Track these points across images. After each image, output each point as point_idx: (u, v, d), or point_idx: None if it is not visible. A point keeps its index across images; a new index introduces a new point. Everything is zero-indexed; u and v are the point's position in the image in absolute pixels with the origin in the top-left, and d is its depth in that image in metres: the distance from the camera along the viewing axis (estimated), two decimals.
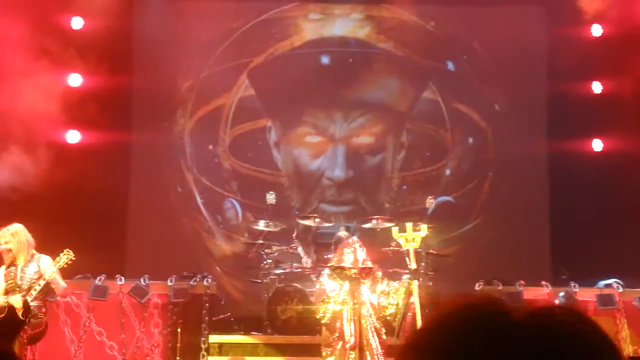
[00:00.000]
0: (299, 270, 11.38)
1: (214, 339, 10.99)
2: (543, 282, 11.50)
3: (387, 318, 9.26)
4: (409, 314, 9.16)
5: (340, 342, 9.19)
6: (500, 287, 11.40)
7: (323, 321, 9.54)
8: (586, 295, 11.29)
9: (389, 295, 9.29)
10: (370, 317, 9.21)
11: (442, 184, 13.94)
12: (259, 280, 11.51)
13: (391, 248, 10.51)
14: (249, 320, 11.58)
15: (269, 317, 10.92)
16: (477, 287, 11.32)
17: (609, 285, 11.33)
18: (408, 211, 13.24)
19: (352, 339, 9.13)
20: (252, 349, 10.85)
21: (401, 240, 9.55)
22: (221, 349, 10.96)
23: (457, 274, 12.15)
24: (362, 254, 9.26)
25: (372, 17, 14.25)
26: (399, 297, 9.21)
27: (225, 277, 13.36)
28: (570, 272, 11.85)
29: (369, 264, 9.31)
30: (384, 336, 9.22)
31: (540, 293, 11.38)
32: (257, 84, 13.97)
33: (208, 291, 11.28)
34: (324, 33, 14.24)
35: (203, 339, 10.90)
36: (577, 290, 11.22)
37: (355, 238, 9.59)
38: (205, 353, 10.86)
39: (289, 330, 10.82)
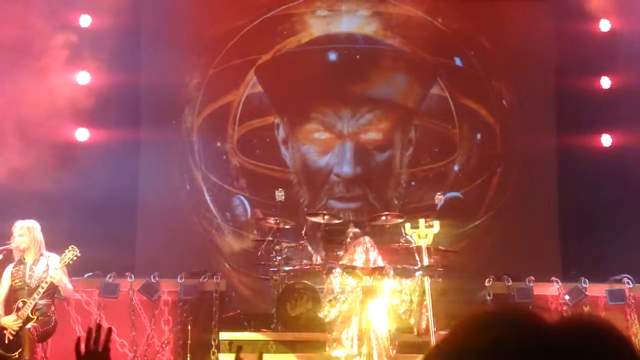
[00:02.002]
0: (309, 267, 11.38)
1: (224, 336, 10.99)
2: (553, 278, 11.49)
3: (402, 316, 9.25)
4: (424, 311, 9.15)
5: (347, 343, 9.16)
6: (510, 283, 11.40)
7: (327, 320, 9.54)
8: (596, 290, 11.28)
9: (402, 293, 9.27)
10: (381, 316, 9.17)
11: (450, 180, 13.93)
12: (269, 277, 11.51)
13: (400, 244, 10.51)
14: (259, 317, 11.58)
15: (278, 314, 10.92)
16: (486, 283, 11.31)
17: (619, 281, 11.31)
18: (417, 207, 13.24)
19: (357, 340, 9.11)
20: (262, 346, 10.84)
21: (414, 237, 9.54)
22: (231, 346, 10.97)
23: (466, 270, 12.15)
24: (373, 253, 9.25)
25: (379, 14, 14.24)
26: (412, 294, 9.20)
27: (235, 274, 13.37)
28: (579, 269, 11.83)
29: (381, 263, 9.30)
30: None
31: (550, 289, 11.37)
32: (264, 81, 13.97)
33: (218, 288, 11.30)
34: (331, 30, 14.23)
35: (213, 336, 10.92)
36: (587, 285, 11.21)
37: (367, 238, 9.58)
38: (215, 350, 10.88)
39: (299, 327, 10.81)
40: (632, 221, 12.25)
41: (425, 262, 9.48)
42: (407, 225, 9.77)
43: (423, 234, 9.53)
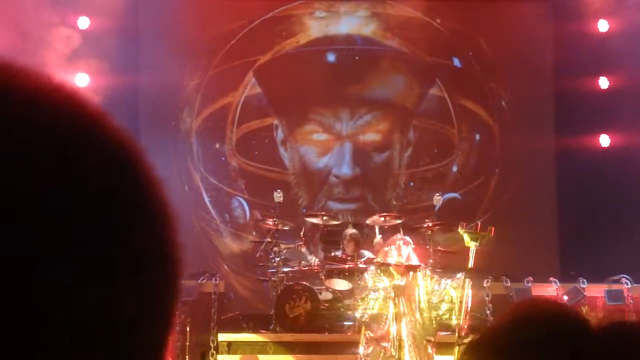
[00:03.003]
0: (307, 268, 11.38)
1: (223, 337, 11.00)
2: (551, 278, 11.49)
3: (443, 317, 9.22)
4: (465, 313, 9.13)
5: (380, 343, 9.12)
6: (509, 284, 11.41)
7: (363, 319, 9.51)
8: (595, 291, 11.28)
9: (441, 294, 9.25)
10: (414, 316, 9.14)
11: (449, 181, 13.94)
12: (267, 279, 11.52)
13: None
14: (257, 319, 11.59)
15: (277, 315, 10.92)
16: (485, 284, 11.32)
17: (617, 281, 11.32)
18: (415, 208, 13.25)
19: (395, 340, 9.08)
20: (261, 347, 10.85)
21: (465, 237, 9.52)
22: (230, 347, 10.97)
23: (464, 270, 12.12)
24: (406, 250, 9.22)
25: (377, 15, 14.24)
26: (454, 294, 9.16)
27: (234, 276, 13.37)
28: (577, 269, 11.83)
29: (415, 261, 9.29)
30: (432, 338, 9.15)
31: (549, 289, 11.38)
32: (263, 82, 13.98)
33: (216, 289, 11.31)
34: (330, 31, 14.24)
35: (212, 337, 10.92)
36: (585, 286, 11.21)
37: (399, 235, 9.57)
38: (214, 351, 10.88)
39: (298, 328, 10.81)
40: (630, 221, 12.26)
41: (471, 264, 9.47)
42: (462, 223, 9.79)
43: (475, 236, 9.52)
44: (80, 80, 12.89)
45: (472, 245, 9.37)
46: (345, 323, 10.86)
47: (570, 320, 1.20)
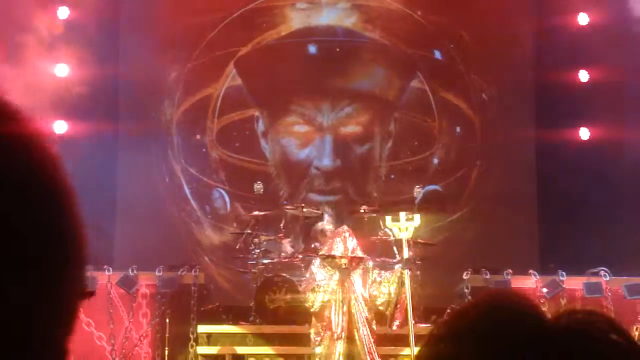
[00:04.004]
0: (287, 259, 11.39)
1: (203, 329, 11.00)
2: (531, 271, 11.54)
3: (380, 308, 9.27)
4: (398, 304, 9.18)
5: (329, 332, 9.21)
6: (488, 276, 11.45)
7: (312, 309, 9.55)
8: (573, 283, 11.34)
9: (381, 285, 9.29)
10: (360, 306, 9.22)
11: (429, 173, 13.95)
12: (247, 270, 11.52)
13: (379, 237, 10.54)
14: (237, 310, 11.59)
15: (257, 307, 10.92)
16: (464, 276, 11.36)
17: (596, 274, 11.38)
18: (396, 200, 13.25)
19: (340, 329, 9.15)
20: (240, 339, 10.86)
21: (394, 229, 9.55)
22: (210, 338, 10.98)
23: (444, 262, 12.18)
24: (352, 243, 9.26)
25: (358, 6, 14.23)
26: (391, 286, 9.21)
27: (214, 267, 13.35)
28: (556, 261, 11.89)
29: (360, 254, 9.32)
30: (374, 326, 9.24)
31: (528, 282, 11.43)
32: (244, 74, 13.95)
33: (196, 281, 11.30)
34: (311, 22, 14.22)
35: (192, 328, 10.91)
36: (564, 278, 11.27)
37: (345, 227, 9.59)
38: (194, 343, 10.88)
39: (278, 320, 10.83)
40: (609, 214, 12.33)
41: (406, 255, 9.49)
42: (388, 218, 9.79)
43: (404, 226, 9.54)
44: (60, 71, 12.84)
45: (403, 237, 9.40)
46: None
47: (522, 312, 1.21)
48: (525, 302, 1.23)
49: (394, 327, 9.26)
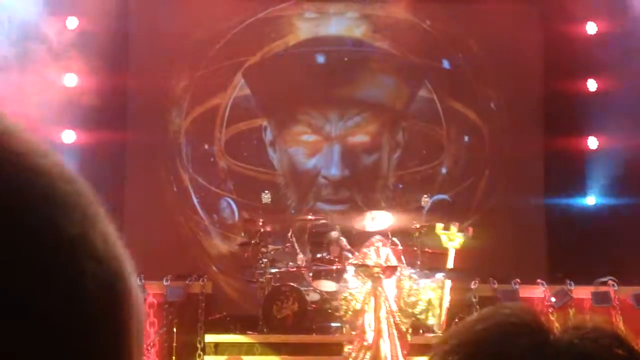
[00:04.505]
0: (295, 269, 11.38)
1: (210, 338, 10.99)
2: (539, 280, 11.50)
3: (419, 317, 9.26)
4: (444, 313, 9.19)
5: (359, 340, 9.20)
6: (496, 285, 11.42)
7: (345, 318, 9.55)
8: (582, 293, 11.30)
9: (420, 293, 9.28)
10: (393, 315, 9.20)
11: (438, 183, 13.94)
12: (255, 280, 11.51)
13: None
14: (245, 320, 11.56)
15: (264, 316, 10.91)
16: (472, 285, 11.33)
17: (604, 283, 11.34)
18: (404, 210, 13.23)
19: (370, 337, 9.13)
20: (248, 349, 10.84)
21: (443, 238, 9.55)
22: (217, 348, 10.96)
23: (452, 272, 12.12)
24: (385, 251, 9.25)
25: (367, 16, 14.24)
26: (432, 292, 9.20)
27: (222, 277, 13.35)
28: (565, 271, 11.85)
29: (393, 262, 9.32)
30: (409, 336, 9.21)
31: (536, 291, 11.39)
32: (252, 84, 13.96)
33: (204, 290, 11.30)
34: (320, 32, 14.24)
35: (199, 338, 10.90)
36: (572, 288, 11.23)
37: (378, 236, 9.59)
38: (201, 352, 10.87)
39: (285, 329, 10.81)
40: (617, 224, 12.29)
41: (450, 265, 9.51)
42: (439, 225, 9.79)
43: (453, 237, 9.56)
44: (69, 81, 12.87)
45: (450, 246, 9.42)
46: (332, 324, 10.86)
47: (527, 327, 1.20)
48: (530, 316, 1.22)
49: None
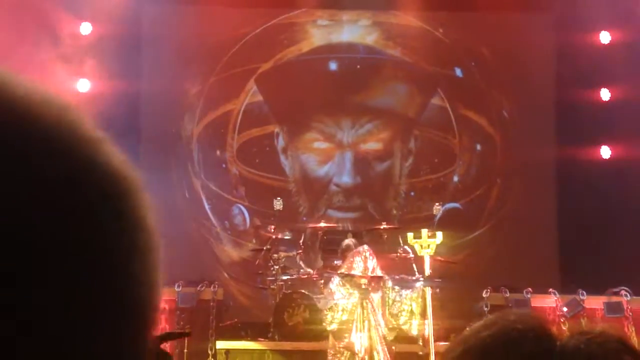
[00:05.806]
0: (306, 276, 11.37)
1: (221, 344, 10.98)
2: (551, 290, 11.46)
3: (403, 327, 9.25)
4: (425, 321, 9.17)
5: (347, 352, 9.18)
6: (508, 294, 11.38)
7: (329, 328, 9.53)
8: (594, 303, 11.26)
9: (402, 304, 9.27)
10: (380, 326, 9.20)
11: (450, 191, 13.92)
12: (266, 287, 11.50)
13: (398, 254, 10.52)
14: (256, 326, 11.57)
15: (276, 323, 10.90)
16: (484, 294, 11.30)
17: (616, 293, 11.30)
18: (416, 217, 13.23)
19: (362, 350, 9.12)
20: (259, 355, 10.84)
21: (416, 247, 9.55)
22: (228, 355, 10.95)
23: (464, 281, 12.12)
24: (372, 262, 9.26)
25: (380, 24, 14.25)
26: (413, 302, 9.20)
27: (233, 283, 13.35)
28: (577, 280, 11.81)
29: (379, 273, 9.31)
30: (394, 347, 9.21)
31: (548, 300, 11.35)
32: (265, 90, 13.98)
33: (215, 297, 11.29)
34: (332, 39, 14.26)
35: (210, 344, 10.90)
36: (584, 297, 11.19)
37: (365, 247, 9.58)
38: (212, 359, 10.86)
39: (296, 336, 10.80)
40: (630, 233, 12.24)
41: (427, 272, 9.50)
42: (410, 235, 9.78)
43: (425, 244, 9.54)
44: (82, 86, 12.91)
45: (424, 254, 9.40)
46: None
47: (533, 334, 1.20)
48: (536, 323, 1.23)
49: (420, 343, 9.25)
